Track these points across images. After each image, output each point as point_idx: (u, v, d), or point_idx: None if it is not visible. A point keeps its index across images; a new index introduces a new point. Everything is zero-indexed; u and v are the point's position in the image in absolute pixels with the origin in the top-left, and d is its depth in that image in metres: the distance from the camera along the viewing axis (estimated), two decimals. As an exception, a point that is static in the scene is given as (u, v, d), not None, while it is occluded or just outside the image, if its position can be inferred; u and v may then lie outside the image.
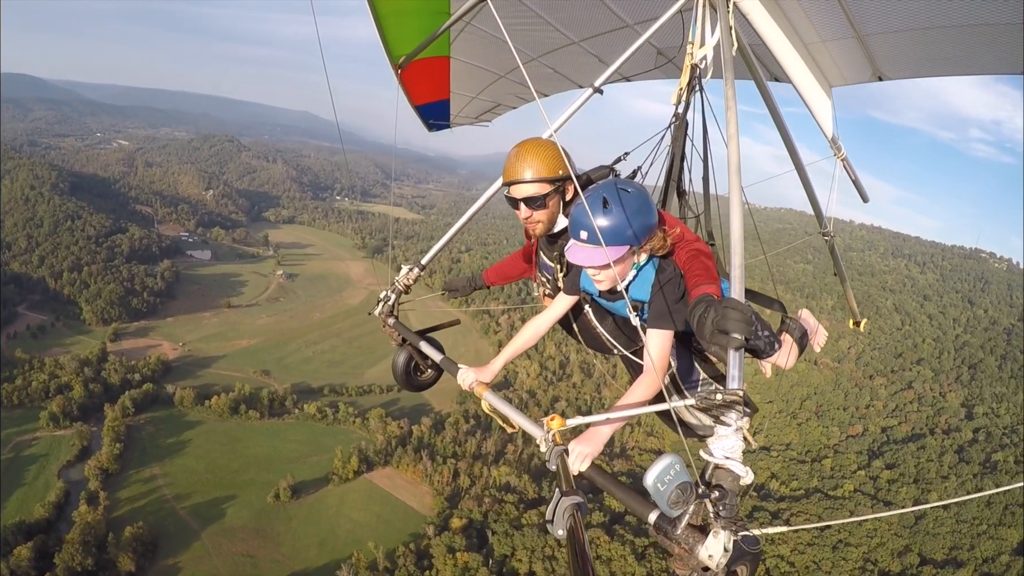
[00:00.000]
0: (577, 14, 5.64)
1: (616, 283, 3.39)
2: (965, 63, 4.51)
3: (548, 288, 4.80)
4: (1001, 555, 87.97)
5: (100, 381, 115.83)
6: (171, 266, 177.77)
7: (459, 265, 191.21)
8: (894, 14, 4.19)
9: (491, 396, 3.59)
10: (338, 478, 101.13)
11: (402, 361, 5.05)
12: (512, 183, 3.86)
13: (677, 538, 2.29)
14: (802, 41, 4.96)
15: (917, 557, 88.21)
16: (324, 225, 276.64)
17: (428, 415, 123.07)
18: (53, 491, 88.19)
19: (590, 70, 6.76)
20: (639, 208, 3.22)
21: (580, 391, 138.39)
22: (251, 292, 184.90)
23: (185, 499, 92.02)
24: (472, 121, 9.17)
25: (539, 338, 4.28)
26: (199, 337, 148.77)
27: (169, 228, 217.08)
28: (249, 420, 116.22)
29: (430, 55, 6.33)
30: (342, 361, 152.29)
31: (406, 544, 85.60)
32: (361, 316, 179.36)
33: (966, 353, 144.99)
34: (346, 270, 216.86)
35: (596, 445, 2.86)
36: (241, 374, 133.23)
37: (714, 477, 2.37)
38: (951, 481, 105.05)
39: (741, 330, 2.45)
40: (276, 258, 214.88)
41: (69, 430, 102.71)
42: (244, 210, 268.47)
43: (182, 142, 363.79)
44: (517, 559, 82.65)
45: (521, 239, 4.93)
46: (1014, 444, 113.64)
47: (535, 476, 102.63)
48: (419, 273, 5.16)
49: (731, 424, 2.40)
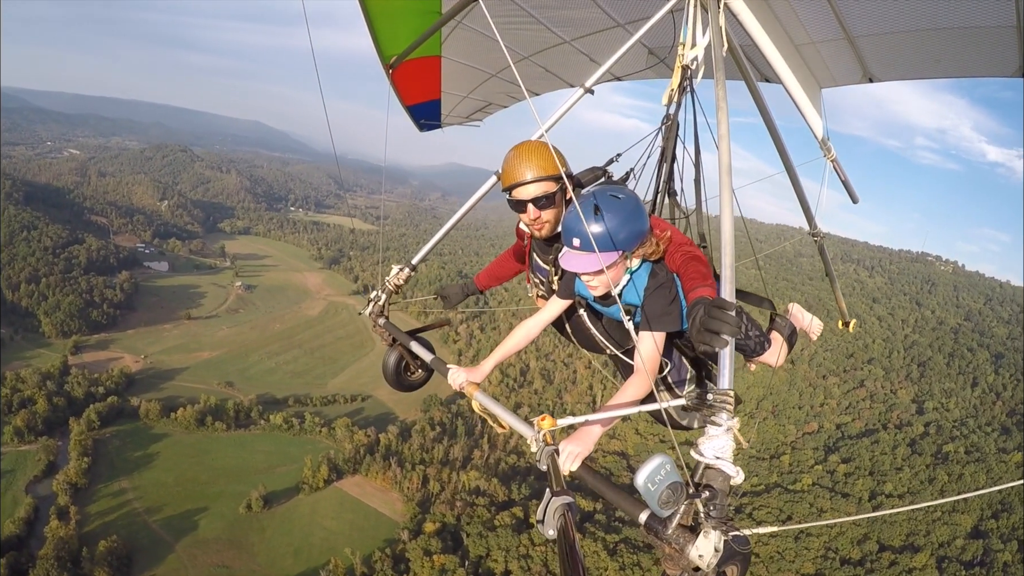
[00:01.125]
0: (568, 13, 5.69)
1: (610, 288, 3.41)
2: (956, 65, 4.62)
3: (542, 290, 4.85)
4: (956, 539, 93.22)
5: (64, 395, 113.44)
6: (129, 277, 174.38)
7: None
8: (885, 16, 4.29)
9: (482, 396, 3.69)
10: (309, 487, 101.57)
11: (392, 361, 5.07)
12: (515, 186, 3.91)
13: (668, 538, 2.32)
14: (792, 42, 5.05)
15: (876, 544, 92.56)
16: (280, 236, 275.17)
17: (394, 423, 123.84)
18: (22, 507, 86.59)
19: (582, 69, 6.84)
20: (631, 214, 3.29)
21: (542, 397, 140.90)
22: (210, 303, 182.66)
23: (156, 512, 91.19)
24: (463, 121, 9.27)
25: (530, 340, 4.31)
26: (161, 349, 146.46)
27: (125, 239, 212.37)
28: (216, 432, 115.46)
29: (421, 55, 6.44)
30: (305, 372, 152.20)
31: (381, 549, 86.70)
32: (322, 327, 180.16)
33: (915, 352, 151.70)
34: (304, 281, 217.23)
35: (587, 445, 2.89)
36: (205, 386, 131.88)
37: (704, 477, 2.41)
38: (905, 472, 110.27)
39: (729, 331, 2.55)
40: (234, 269, 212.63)
41: (34, 444, 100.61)
42: (199, 221, 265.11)
43: (135, 152, 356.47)
44: (493, 559, 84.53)
45: (506, 243, 4.96)
46: (964, 436, 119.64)
47: (503, 479, 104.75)
48: (409, 273, 5.25)
49: (722, 424, 2.44)
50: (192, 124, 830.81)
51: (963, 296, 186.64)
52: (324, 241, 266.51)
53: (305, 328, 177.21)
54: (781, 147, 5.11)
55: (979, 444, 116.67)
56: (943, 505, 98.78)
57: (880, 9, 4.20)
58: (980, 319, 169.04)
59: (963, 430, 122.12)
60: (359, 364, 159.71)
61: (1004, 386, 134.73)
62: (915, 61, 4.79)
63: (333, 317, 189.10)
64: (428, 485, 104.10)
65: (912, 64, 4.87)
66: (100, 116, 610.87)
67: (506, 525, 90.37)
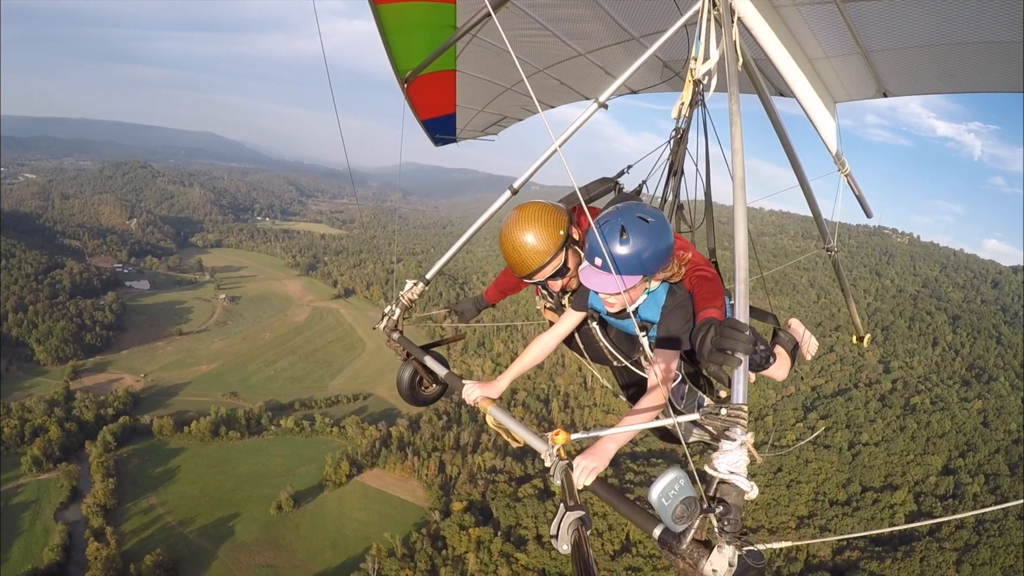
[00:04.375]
0: (583, 27, 5.67)
1: (627, 307, 3.42)
2: (968, 80, 4.66)
3: (550, 302, 4.81)
4: (929, 477, 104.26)
5: (74, 419, 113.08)
6: (116, 298, 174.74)
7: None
8: (899, 31, 4.32)
9: (496, 411, 3.63)
10: (332, 484, 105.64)
11: (407, 376, 4.96)
12: (526, 277, 3.89)
13: (682, 553, 2.31)
14: (806, 56, 5.02)
15: (859, 486, 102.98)
16: (252, 246, 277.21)
17: (401, 417, 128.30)
18: (54, 535, 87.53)
19: (596, 82, 6.89)
20: (657, 239, 3.24)
21: (535, 382, 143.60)
22: (198, 318, 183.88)
23: (190, 523, 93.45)
24: (478, 135, 9.19)
25: (546, 355, 4.26)
26: (159, 367, 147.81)
27: (101, 260, 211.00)
28: (230, 441, 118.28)
29: (436, 69, 6.42)
30: (304, 376, 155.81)
31: (417, 530, 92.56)
32: (311, 332, 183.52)
33: (878, 318, 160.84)
34: (284, 289, 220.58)
35: (602, 460, 2.86)
36: (210, 398, 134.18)
37: (719, 492, 2.36)
38: (878, 423, 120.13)
39: (743, 349, 2.55)
40: (215, 282, 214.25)
41: (54, 472, 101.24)
42: (171, 237, 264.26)
43: (93, 172, 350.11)
44: (523, 527, 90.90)
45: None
46: (928, 389, 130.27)
47: (517, 457, 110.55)
48: (423, 288, 5.09)
49: (736, 439, 2.38)
50: (146, 140, 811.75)
51: (919, 265, 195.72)
52: (297, 248, 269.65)
53: (295, 335, 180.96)
54: (795, 161, 5.07)
55: (943, 395, 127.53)
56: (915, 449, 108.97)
57: (894, 24, 4.28)
58: (937, 285, 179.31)
59: (927, 384, 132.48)
60: (354, 365, 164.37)
61: (962, 343, 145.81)
62: (929, 76, 4.88)
63: (320, 322, 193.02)
64: (446, 470, 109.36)
65: (926, 79, 4.97)
66: (52, 138, 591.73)
67: (529, 496, 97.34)
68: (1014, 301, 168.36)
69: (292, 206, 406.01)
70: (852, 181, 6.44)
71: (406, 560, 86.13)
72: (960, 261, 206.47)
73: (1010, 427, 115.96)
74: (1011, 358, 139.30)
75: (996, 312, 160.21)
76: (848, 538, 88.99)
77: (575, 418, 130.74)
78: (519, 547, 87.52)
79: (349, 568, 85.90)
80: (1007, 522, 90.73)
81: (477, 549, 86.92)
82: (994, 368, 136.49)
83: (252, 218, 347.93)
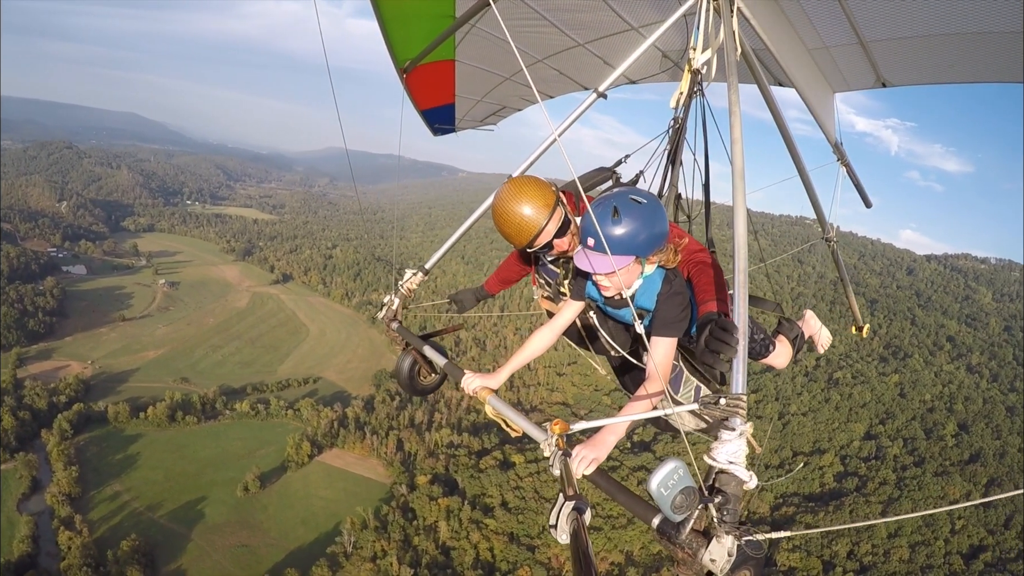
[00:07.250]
0: (582, 16, 5.63)
1: (621, 290, 3.39)
2: (968, 71, 4.62)
3: (548, 292, 4.77)
4: (853, 442, 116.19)
5: (26, 408, 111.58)
6: (56, 283, 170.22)
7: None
8: (898, 21, 4.29)
9: (495, 401, 3.60)
10: (295, 464, 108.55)
11: (406, 366, 4.90)
12: (528, 245, 3.82)
13: (681, 543, 2.33)
14: (805, 47, 5.04)
15: (791, 452, 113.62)
16: (184, 231, 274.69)
17: (353, 399, 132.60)
18: (20, 526, 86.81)
19: (595, 72, 6.84)
20: (649, 220, 3.21)
21: (480, 363, 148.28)
22: (140, 304, 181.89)
23: (158, 508, 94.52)
24: (477, 124, 9.11)
25: (547, 348, 4.17)
26: (105, 353, 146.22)
27: (35, 244, 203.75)
28: (188, 426, 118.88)
29: (435, 59, 6.37)
30: (252, 361, 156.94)
31: (386, 503, 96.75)
32: (254, 318, 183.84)
33: (801, 302, 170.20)
34: (222, 274, 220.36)
35: (601, 450, 2.85)
36: (162, 384, 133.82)
37: (717, 482, 2.38)
38: (805, 396, 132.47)
39: (731, 352, 2.62)
40: (152, 267, 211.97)
41: (12, 463, 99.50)
42: (102, 220, 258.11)
43: (17, 151, 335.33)
44: (489, 496, 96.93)
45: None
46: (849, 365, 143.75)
47: (472, 432, 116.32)
48: (423, 278, 5.11)
49: (735, 429, 2.41)
50: (66, 119, 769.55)
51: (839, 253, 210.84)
52: (231, 233, 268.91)
53: (238, 320, 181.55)
54: (794, 151, 5.05)
55: (863, 371, 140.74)
56: (839, 417, 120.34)
57: (893, 14, 4.25)
58: (855, 272, 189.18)
59: (848, 361, 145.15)
60: (300, 349, 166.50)
61: (880, 325, 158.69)
62: (928, 66, 4.85)
63: (262, 307, 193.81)
64: (404, 448, 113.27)
65: (925, 69, 4.93)
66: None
67: (492, 467, 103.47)
68: (927, 287, 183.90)
69: (221, 190, 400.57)
70: (851, 171, 6.71)
71: (380, 532, 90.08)
72: (877, 250, 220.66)
73: (924, 397, 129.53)
74: (925, 337, 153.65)
75: (911, 297, 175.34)
76: (845, 529, 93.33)
77: (520, 396, 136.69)
78: (487, 514, 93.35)
79: (323, 543, 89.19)
80: (925, 478, 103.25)
81: (447, 518, 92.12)
82: (909, 346, 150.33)
83: (182, 202, 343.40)
